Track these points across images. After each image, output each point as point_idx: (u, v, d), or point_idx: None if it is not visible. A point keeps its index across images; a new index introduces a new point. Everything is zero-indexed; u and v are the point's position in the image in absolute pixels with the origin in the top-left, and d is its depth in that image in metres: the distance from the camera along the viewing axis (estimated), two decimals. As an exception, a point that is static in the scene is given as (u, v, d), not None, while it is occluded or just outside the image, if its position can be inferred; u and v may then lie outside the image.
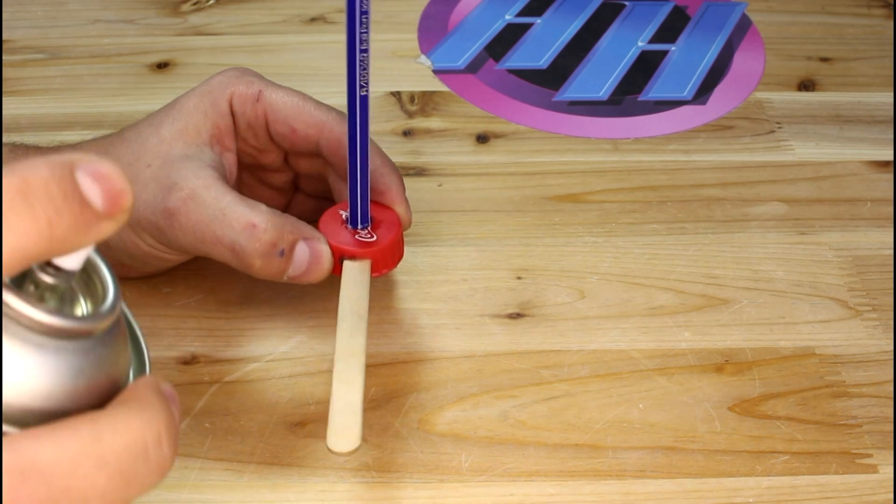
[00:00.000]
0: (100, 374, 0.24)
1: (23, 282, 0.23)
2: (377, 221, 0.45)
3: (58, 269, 0.23)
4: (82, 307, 0.25)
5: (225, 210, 0.41)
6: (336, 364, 0.40)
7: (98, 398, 0.24)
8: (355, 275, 0.44)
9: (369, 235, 0.45)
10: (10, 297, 0.22)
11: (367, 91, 0.41)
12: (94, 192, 0.22)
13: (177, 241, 0.42)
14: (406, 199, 0.46)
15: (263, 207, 0.42)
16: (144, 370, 0.27)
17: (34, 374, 0.22)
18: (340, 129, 0.44)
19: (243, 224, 0.41)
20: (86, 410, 0.23)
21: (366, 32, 0.39)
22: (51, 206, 0.21)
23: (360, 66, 0.40)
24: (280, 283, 0.43)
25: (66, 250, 0.22)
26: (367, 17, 0.39)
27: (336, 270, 0.44)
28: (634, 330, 0.48)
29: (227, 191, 0.42)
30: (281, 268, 0.42)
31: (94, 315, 0.24)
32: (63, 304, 0.24)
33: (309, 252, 0.43)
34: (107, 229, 0.22)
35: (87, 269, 0.25)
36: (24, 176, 0.21)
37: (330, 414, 0.39)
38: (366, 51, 0.40)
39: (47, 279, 0.23)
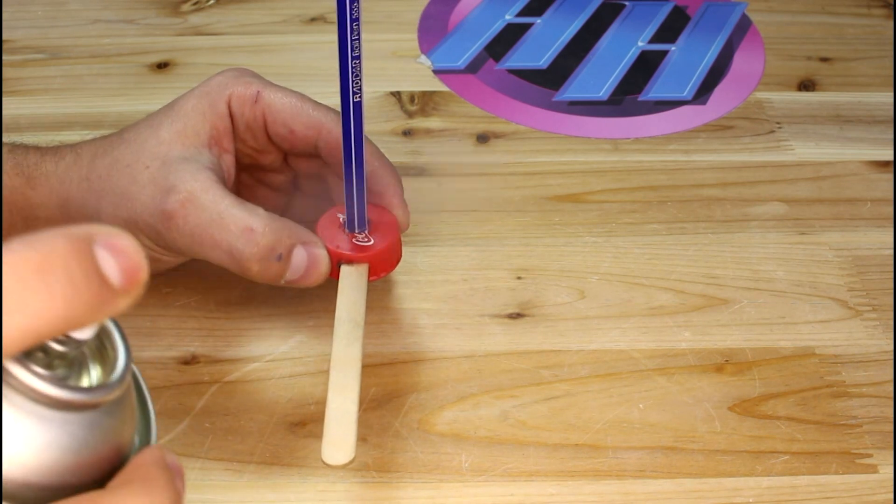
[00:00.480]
0: (105, 447, 0.23)
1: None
2: (375, 224, 0.45)
3: (69, 337, 0.22)
4: (91, 376, 0.24)
5: (223, 214, 0.41)
6: (331, 373, 0.40)
7: (102, 471, 0.23)
8: (352, 280, 0.43)
9: (367, 239, 0.44)
10: (13, 367, 0.21)
11: (360, 98, 0.41)
12: (112, 269, 0.21)
13: (174, 243, 0.42)
14: (404, 200, 0.46)
15: (261, 212, 0.42)
16: (150, 437, 0.26)
17: (36, 447, 0.21)
18: (339, 130, 0.44)
19: (241, 228, 0.41)
20: (88, 484, 0.22)
21: (357, 39, 0.39)
22: (69, 285, 0.20)
23: (353, 72, 0.40)
24: (279, 285, 0.43)
25: (81, 326, 0.21)
26: (357, 24, 0.39)
27: (334, 274, 0.44)
28: (634, 330, 0.48)
29: (226, 194, 0.42)
30: (278, 272, 0.42)
31: (102, 386, 0.23)
32: (72, 371, 0.23)
33: (307, 257, 0.43)
34: (122, 305, 0.21)
35: (100, 335, 0.24)
36: (42, 251, 0.20)
37: (325, 424, 0.38)
38: (358, 57, 0.40)
39: (57, 347, 0.22)
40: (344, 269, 0.44)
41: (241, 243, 0.41)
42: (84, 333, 0.22)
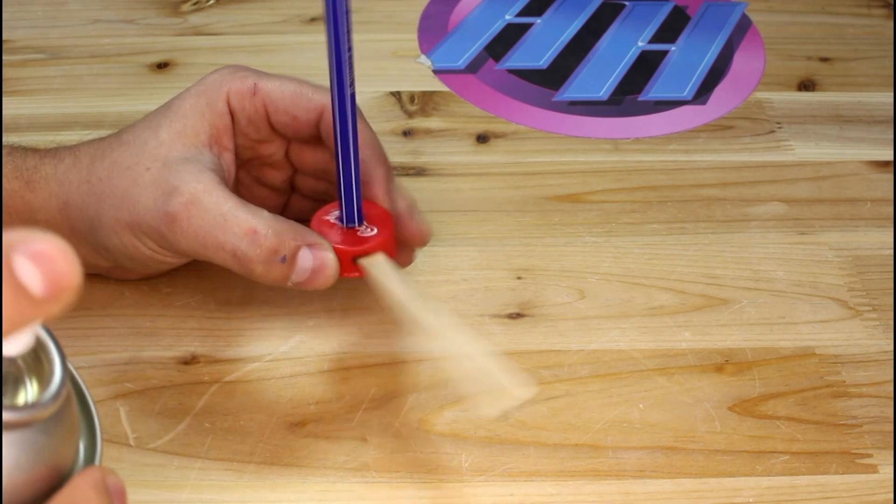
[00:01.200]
0: (40, 466, 0.22)
1: None
2: (367, 216, 0.44)
3: None
4: (28, 392, 0.23)
5: (226, 215, 0.41)
6: (448, 340, 0.39)
7: (37, 493, 0.22)
8: (383, 267, 0.43)
9: (369, 230, 0.44)
10: None
11: (354, 89, 0.42)
12: (32, 277, 0.20)
13: (178, 245, 0.42)
14: (392, 189, 0.45)
15: (265, 213, 0.42)
16: (95, 454, 0.24)
17: None
18: None
19: (245, 230, 0.41)
20: None
21: (349, 32, 0.39)
22: None
23: (349, 65, 0.41)
24: (285, 287, 0.43)
25: (5, 335, 0.20)
26: (349, 17, 0.39)
27: (346, 272, 0.43)
28: (634, 330, 0.48)
29: (229, 195, 0.42)
30: (283, 274, 0.42)
31: (35, 404, 0.22)
32: (7, 388, 0.22)
33: (312, 259, 0.42)
34: (49, 312, 0.21)
35: (36, 348, 0.23)
36: None
37: (486, 377, 0.37)
38: (350, 49, 0.40)
39: None
40: (367, 262, 0.43)
41: (245, 245, 0.41)
42: (12, 348, 0.21)
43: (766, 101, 0.62)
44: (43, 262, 0.20)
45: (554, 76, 0.64)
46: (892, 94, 0.63)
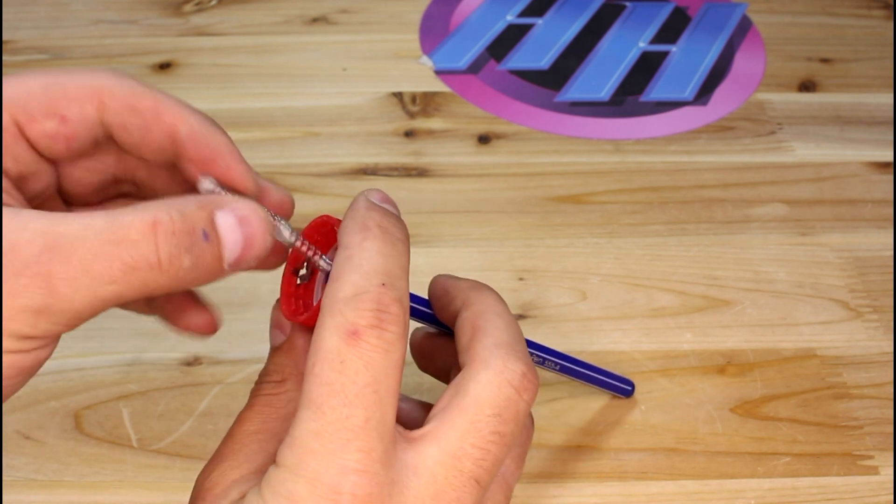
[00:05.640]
0: None
1: None
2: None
3: None
4: None
5: (106, 231, 0.27)
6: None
7: None
8: None
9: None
10: None
11: None
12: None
13: (70, 310, 0.27)
14: (244, 160, 0.33)
15: (139, 204, 0.28)
16: None
17: None
18: (123, 85, 0.30)
19: (144, 229, 0.27)
20: None
21: None
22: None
23: None
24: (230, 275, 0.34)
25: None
26: None
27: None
28: (636, 331, 0.48)
29: (75, 213, 0.28)
30: (214, 254, 0.28)
31: None
32: None
33: (235, 220, 0.29)
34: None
35: None
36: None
37: None
38: None
39: None
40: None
41: (153, 245, 0.27)
42: None
43: (767, 102, 0.63)
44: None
45: (555, 77, 0.64)
46: (892, 95, 0.63)
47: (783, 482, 0.42)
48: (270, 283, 0.49)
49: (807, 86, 0.64)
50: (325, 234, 0.32)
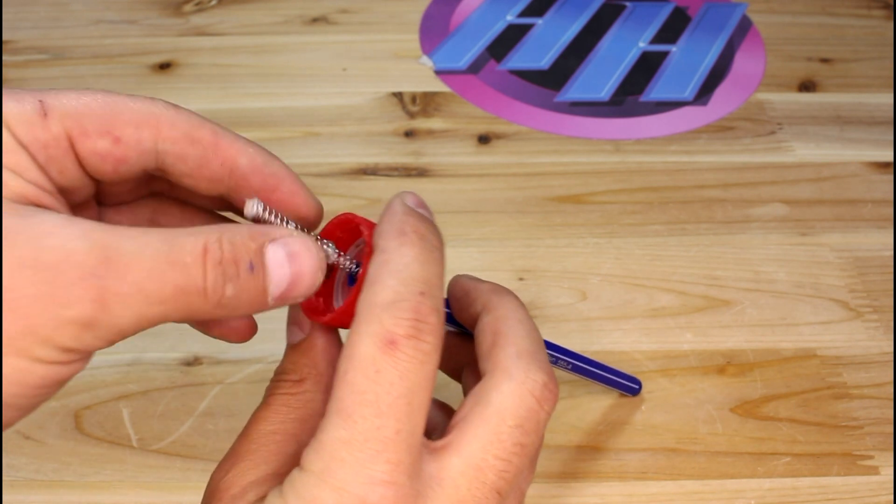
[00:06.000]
0: None
1: None
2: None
3: None
4: None
5: (162, 251, 0.26)
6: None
7: None
8: None
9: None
10: None
11: None
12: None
13: (115, 326, 0.26)
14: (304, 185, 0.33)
15: (191, 228, 0.28)
16: None
17: None
18: (181, 115, 0.30)
19: (197, 252, 0.27)
20: None
21: None
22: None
23: None
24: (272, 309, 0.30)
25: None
26: None
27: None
28: (636, 331, 0.48)
29: (131, 228, 0.27)
30: (259, 287, 0.28)
31: None
32: None
33: (285, 255, 0.28)
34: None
35: None
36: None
37: None
38: None
39: None
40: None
41: (201, 271, 0.27)
42: None
43: (767, 102, 0.63)
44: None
45: (555, 77, 0.64)
46: (892, 95, 0.63)
47: (783, 482, 0.42)
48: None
49: (807, 86, 0.64)
50: (348, 230, 0.31)
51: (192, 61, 0.64)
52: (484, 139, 0.59)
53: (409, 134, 0.59)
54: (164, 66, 0.64)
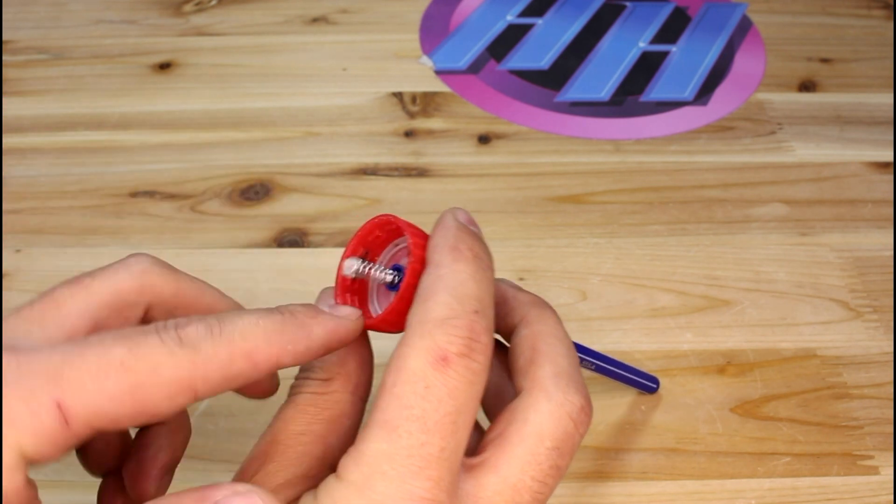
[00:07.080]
0: None
1: None
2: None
3: None
4: None
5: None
6: None
7: None
8: None
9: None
10: None
11: None
12: None
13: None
14: None
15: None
16: None
17: None
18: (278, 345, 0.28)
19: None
20: None
21: None
22: None
23: None
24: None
25: None
26: None
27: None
28: (636, 331, 0.48)
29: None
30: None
31: None
32: None
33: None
34: None
35: None
36: None
37: None
38: None
39: None
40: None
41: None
42: None
43: (767, 102, 0.63)
44: None
45: (555, 77, 0.64)
46: (892, 95, 0.63)
47: (783, 482, 0.42)
48: (270, 282, 0.49)
49: (807, 86, 0.64)
50: (388, 231, 0.30)
51: (192, 61, 0.64)
52: (484, 139, 0.59)
53: (409, 134, 0.59)
54: (164, 66, 0.64)
